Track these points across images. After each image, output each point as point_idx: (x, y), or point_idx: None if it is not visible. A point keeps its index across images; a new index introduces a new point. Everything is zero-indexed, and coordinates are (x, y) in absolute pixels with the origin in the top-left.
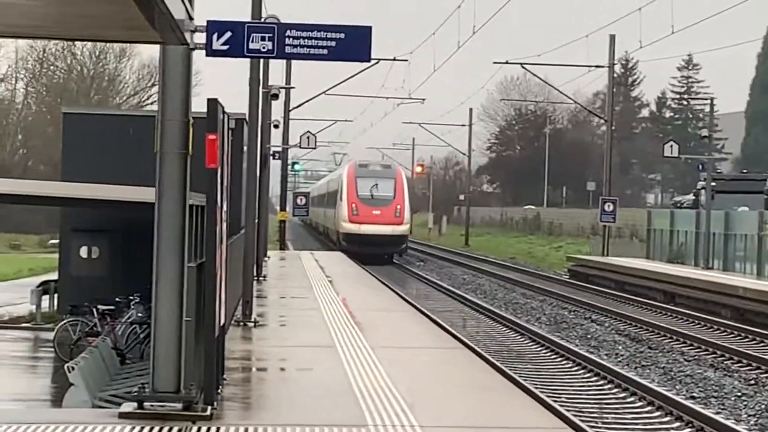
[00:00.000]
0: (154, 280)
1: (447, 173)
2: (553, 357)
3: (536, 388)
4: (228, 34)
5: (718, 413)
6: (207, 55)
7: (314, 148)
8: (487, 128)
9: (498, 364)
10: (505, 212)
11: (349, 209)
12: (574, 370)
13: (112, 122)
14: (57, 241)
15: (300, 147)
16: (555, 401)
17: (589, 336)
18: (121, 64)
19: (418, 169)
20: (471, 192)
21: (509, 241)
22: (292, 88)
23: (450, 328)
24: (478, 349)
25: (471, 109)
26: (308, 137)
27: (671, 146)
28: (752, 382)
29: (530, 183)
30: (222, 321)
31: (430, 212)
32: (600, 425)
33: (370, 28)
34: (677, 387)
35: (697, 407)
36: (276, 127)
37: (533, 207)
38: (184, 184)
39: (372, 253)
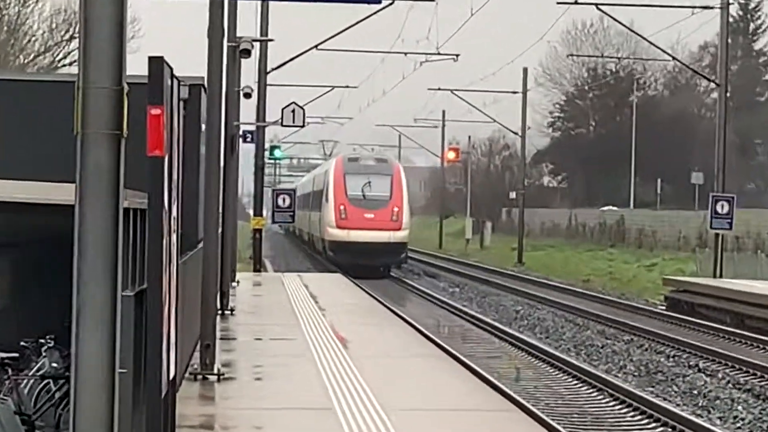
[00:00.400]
0: (74, 315)
1: (491, 161)
2: (644, 422)
3: None
4: None
5: None
6: None
7: (302, 126)
8: (548, 96)
9: None
10: (574, 216)
11: (336, 212)
12: None
13: (13, 90)
14: None
15: (282, 125)
16: None
17: (695, 392)
18: (26, 8)
19: (451, 154)
20: (526, 187)
21: (581, 257)
22: (270, 40)
23: (497, 382)
24: (538, 412)
25: (525, 70)
26: (293, 111)
27: None
28: None
29: (610, 174)
30: (171, 373)
31: (468, 217)
32: None
33: None
34: None
35: None
36: (248, 96)
37: (615, 208)
38: (117, 180)
39: (364, 265)
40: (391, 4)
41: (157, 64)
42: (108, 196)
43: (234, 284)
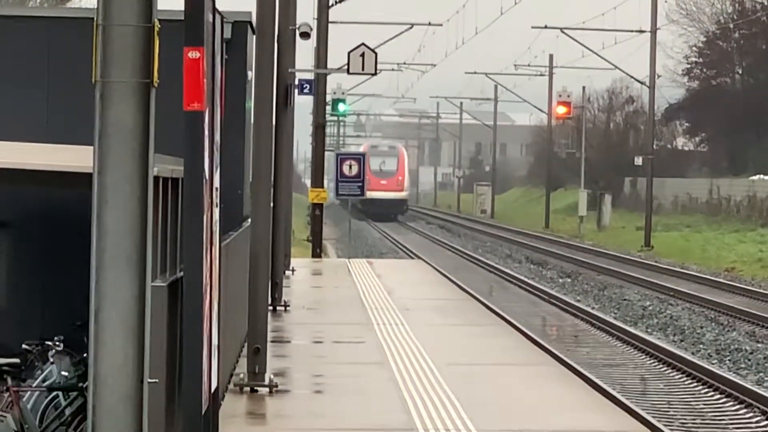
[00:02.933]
0: (92, 311)
1: (612, 118)
2: None
3: None
4: None
5: None
6: None
7: (374, 74)
8: (683, 36)
9: None
10: (716, 187)
11: None
12: None
13: (11, 29)
14: None
15: (348, 73)
16: None
17: None
18: None
19: (561, 110)
20: (655, 151)
21: (724, 240)
22: None
23: (621, 397)
24: None
25: (655, 3)
26: (362, 55)
27: None
28: None
29: (762, 135)
30: (213, 384)
31: (582, 189)
32: None
33: None
34: None
35: None
36: (305, 37)
37: (767, 178)
38: (146, 141)
39: (380, 213)
40: None
41: None
42: (134, 162)
43: (289, 273)
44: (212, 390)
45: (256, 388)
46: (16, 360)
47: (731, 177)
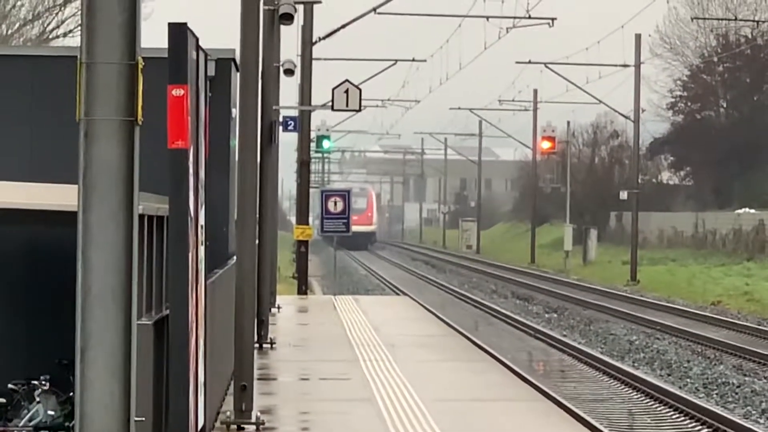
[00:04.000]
0: (77, 349)
1: (596, 152)
2: None
3: None
4: None
5: None
6: None
7: (357, 111)
8: (667, 70)
9: None
10: (701, 221)
11: None
12: None
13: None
14: None
15: (333, 110)
16: None
17: None
18: None
19: (545, 144)
20: (640, 186)
21: (710, 274)
22: (318, 2)
23: (601, 428)
24: None
25: (638, 37)
26: (347, 92)
27: None
28: None
29: (746, 168)
30: (200, 422)
31: (568, 223)
32: None
33: None
34: None
35: None
36: (290, 74)
37: (753, 211)
38: (130, 179)
39: (353, 242)
40: None
41: (178, 32)
42: (119, 200)
43: (274, 310)
44: (199, 428)
45: (242, 425)
46: (2, 400)
47: (716, 210)
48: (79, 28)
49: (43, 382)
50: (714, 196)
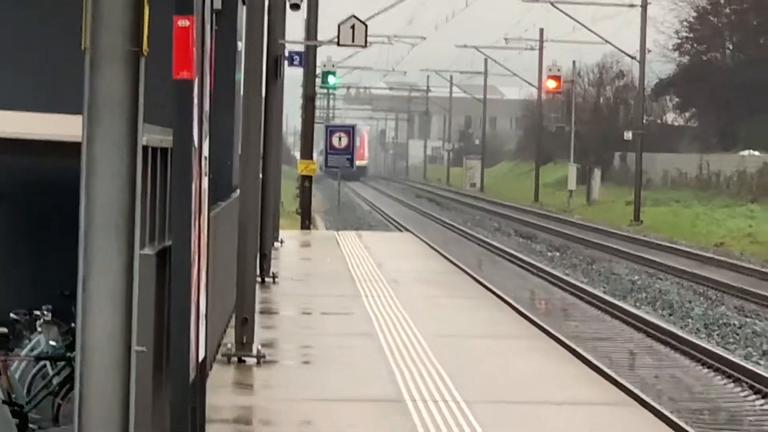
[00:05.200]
0: (79, 280)
1: (602, 92)
2: None
3: None
4: None
5: None
6: None
7: (363, 47)
8: (674, 11)
9: None
10: (706, 163)
11: None
12: None
13: None
14: None
15: (338, 45)
16: None
17: None
18: None
19: (551, 84)
20: (645, 126)
21: (714, 215)
22: None
23: (608, 370)
24: (661, 408)
25: None
26: (353, 27)
27: None
28: None
29: (752, 110)
30: (201, 354)
31: (572, 163)
32: None
33: None
34: None
35: None
36: (296, 8)
37: (757, 153)
38: (134, 109)
39: (347, 175)
40: None
41: None
42: (123, 131)
43: (277, 244)
44: (200, 359)
45: (243, 358)
46: (4, 329)
47: (721, 152)
48: None
49: (45, 313)
50: (718, 138)
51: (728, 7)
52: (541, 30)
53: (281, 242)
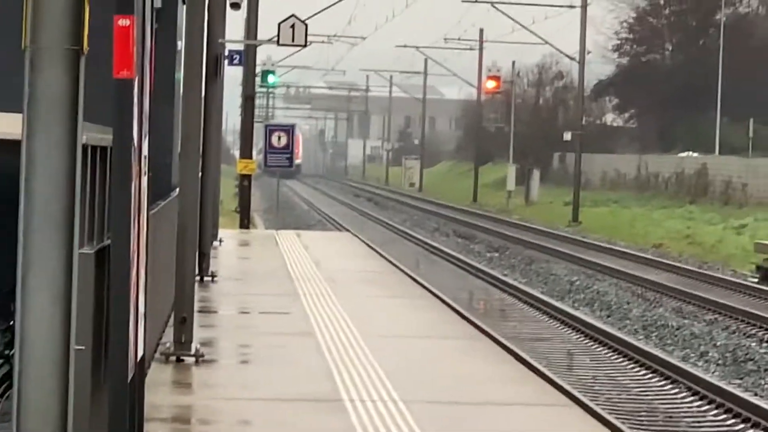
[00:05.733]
0: (19, 278)
1: (541, 93)
2: (730, 422)
3: None
4: None
5: None
6: None
7: (303, 46)
8: (613, 12)
9: None
10: (644, 164)
11: None
12: None
13: None
14: None
15: (278, 44)
16: None
17: None
18: None
19: (490, 83)
20: (584, 127)
21: (652, 216)
22: None
23: (547, 371)
24: (598, 409)
25: None
26: (293, 27)
27: None
28: None
29: (690, 112)
30: (140, 352)
31: (511, 163)
32: None
33: None
34: None
35: None
36: (236, 7)
37: (695, 155)
38: (74, 108)
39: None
40: None
41: None
42: (63, 129)
43: (216, 244)
44: (138, 358)
45: (182, 357)
46: None
47: (660, 153)
48: None
49: None
50: (657, 139)
51: (668, 8)
52: (481, 30)
53: (220, 241)
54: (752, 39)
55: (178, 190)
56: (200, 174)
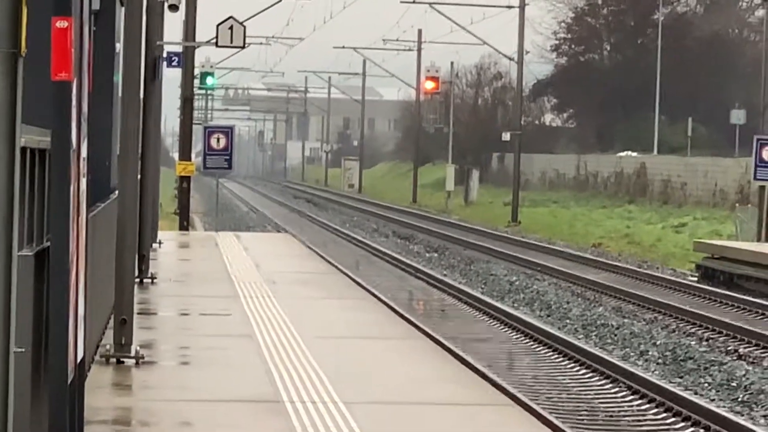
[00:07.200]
0: None
1: (479, 93)
2: (670, 420)
3: None
4: None
5: None
6: None
7: (242, 48)
8: (551, 12)
9: None
10: (583, 163)
11: None
12: None
13: None
14: None
15: (217, 46)
16: None
17: (734, 383)
18: None
19: (429, 84)
20: (523, 127)
21: (592, 216)
22: None
23: (487, 371)
24: (538, 408)
25: None
26: (231, 29)
27: None
28: None
29: (629, 112)
30: (80, 354)
31: (450, 164)
32: None
33: None
34: None
35: None
36: (174, 9)
37: (634, 154)
38: (12, 111)
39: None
40: None
41: None
42: (2, 132)
43: (156, 245)
44: (79, 360)
45: (122, 359)
46: None
47: (598, 153)
48: None
49: None
50: (596, 139)
51: (606, 8)
52: (420, 31)
53: (160, 243)
54: (690, 38)
55: (117, 192)
56: (139, 176)
